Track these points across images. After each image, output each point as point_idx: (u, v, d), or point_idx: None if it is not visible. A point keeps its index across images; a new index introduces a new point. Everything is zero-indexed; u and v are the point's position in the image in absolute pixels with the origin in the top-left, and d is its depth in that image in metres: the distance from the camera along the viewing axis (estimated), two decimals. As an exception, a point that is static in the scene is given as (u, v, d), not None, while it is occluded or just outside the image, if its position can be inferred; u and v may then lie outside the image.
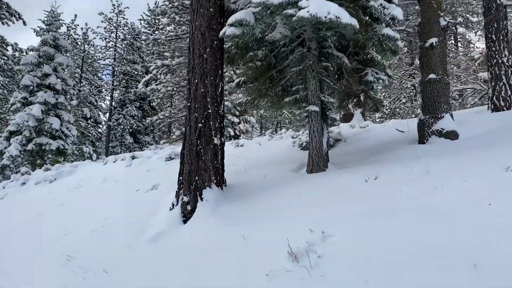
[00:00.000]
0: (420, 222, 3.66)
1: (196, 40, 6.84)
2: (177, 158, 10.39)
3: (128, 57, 33.53)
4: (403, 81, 18.91)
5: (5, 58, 23.86)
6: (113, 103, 34.31)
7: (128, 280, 4.84)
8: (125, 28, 34.12)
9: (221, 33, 6.29)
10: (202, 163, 6.43)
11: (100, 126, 34.21)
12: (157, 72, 28.93)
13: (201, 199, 6.23)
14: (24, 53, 22.56)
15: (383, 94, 19.01)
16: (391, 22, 6.28)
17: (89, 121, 29.54)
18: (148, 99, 35.17)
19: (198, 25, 6.87)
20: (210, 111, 6.63)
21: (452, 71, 17.45)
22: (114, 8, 33.14)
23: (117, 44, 33.86)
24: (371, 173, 5.70)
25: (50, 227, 7.90)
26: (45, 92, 16.67)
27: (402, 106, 19.08)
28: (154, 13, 36.24)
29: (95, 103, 31.13)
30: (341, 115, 15.53)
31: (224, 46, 7.29)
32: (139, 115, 33.99)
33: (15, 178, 12.91)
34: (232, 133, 27.13)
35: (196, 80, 6.73)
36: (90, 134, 28.12)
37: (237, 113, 28.16)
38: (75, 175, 11.75)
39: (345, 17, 5.37)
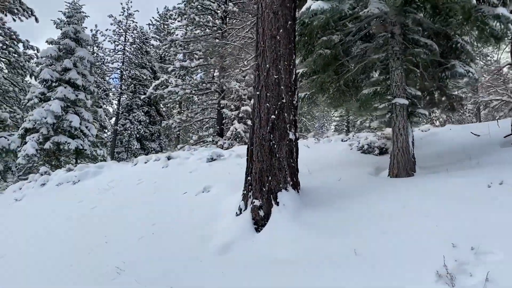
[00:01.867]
0: None
1: (267, 20, 6.05)
2: (219, 159, 9.63)
3: (136, 61, 33.22)
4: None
5: (16, 55, 23.36)
6: (120, 108, 33.90)
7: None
8: (134, 31, 33.98)
9: (303, 8, 5.54)
10: (276, 161, 5.61)
11: (106, 130, 33.67)
12: (175, 74, 28.44)
13: (277, 203, 5.40)
14: (36, 51, 22.05)
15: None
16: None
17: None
18: (155, 105, 34.92)
19: (269, 3, 6.09)
20: (284, 100, 5.83)
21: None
22: (124, 11, 32.89)
23: (126, 48, 33.56)
24: (490, 178, 4.85)
25: (83, 234, 7.10)
26: (65, 87, 16.01)
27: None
28: (163, 18, 36.08)
29: (103, 107, 30.68)
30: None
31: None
32: (146, 121, 33.58)
33: (34, 179, 12.19)
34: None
35: (267, 65, 5.94)
36: (102, 138, 27.54)
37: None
38: (102, 176, 10.99)
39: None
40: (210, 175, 8.28)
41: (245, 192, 5.77)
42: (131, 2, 33.29)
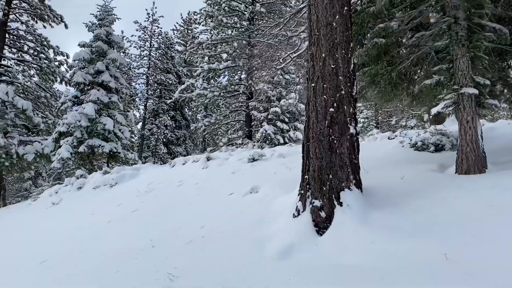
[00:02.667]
0: None
1: (321, 6, 5.68)
2: (261, 159, 9.29)
3: (161, 66, 33.53)
4: None
5: (47, 61, 23.73)
6: (146, 113, 34.29)
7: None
8: (159, 37, 34.34)
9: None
10: (337, 158, 5.20)
11: (133, 135, 34.07)
12: (203, 76, 28.40)
13: (340, 203, 4.99)
14: (66, 57, 22.34)
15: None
16: None
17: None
18: (180, 109, 35.16)
19: (323, -13, 5.71)
20: (343, 92, 5.42)
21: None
22: (149, 16, 33.22)
23: (151, 53, 33.88)
24: None
25: (127, 237, 6.87)
26: (98, 90, 16.03)
27: None
28: (187, 23, 36.38)
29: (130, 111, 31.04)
30: (430, 116, 14.02)
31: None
32: (172, 125, 33.84)
33: (70, 182, 12.18)
34: (281, 141, 26.02)
35: (323, 55, 5.56)
36: (133, 142, 27.73)
37: (286, 119, 27.11)
38: (139, 178, 10.84)
39: None
40: (254, 176, 7.95)
41: (302, 191, 5.40)
42: (156, 8, 33.84)
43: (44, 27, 22.99)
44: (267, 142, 26.22)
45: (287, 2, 28.45)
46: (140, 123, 33.54)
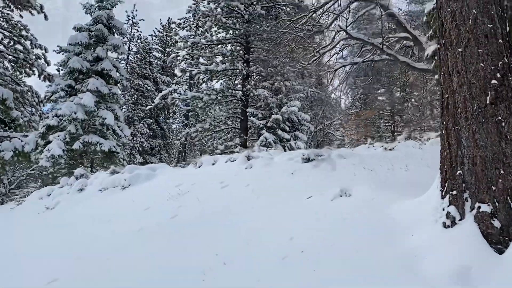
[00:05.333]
0: None
1: None
2: (317, 159, 7.94)
3: (139, 71, 32.69)
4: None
5: (24, 53, 21.84)
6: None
7: None
8: (139, 41, 33.63)
9: None
10: (509, 146, 3.90)
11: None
12: (199, 77, 27.25)
13: (520, 209, 3.68)
14: (44, 50, 20.56)
15: None
16: None
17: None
18: (156, 117, 34.11)
19: None
20: (506, 60, 4.17)
21: None
22: (129, 19, 32.21)
23: (129, 57, 32.81)
24: None
25: (172, 250, 5.38)
26: (97, 79, 14.38)
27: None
28: (166, 29, 36.12)
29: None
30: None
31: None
32: (149, 134, 32.90)
33: (67, 183, 10.53)
34: (282, 150, 24.91)
35: (473, 11, 4.33)
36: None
37: (287, 128, 26.03)
38: (157, 180, 9.34)
39: None
40: (325, 177, 6.63)
41: (454, 192, 4.07)
42: (136, 11, 32.96)
43: (21, 16, 21.33)
44: (267, 150, 25.02)
45: (284, 8, 27.65)
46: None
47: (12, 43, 20.84)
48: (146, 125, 33.16)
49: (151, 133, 33.32)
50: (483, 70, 4.16)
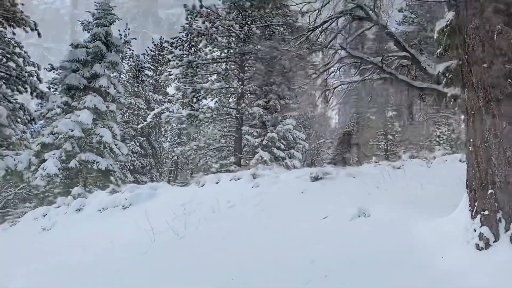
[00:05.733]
0: None
1: None
2: (326, 178, 7.82)
3: (131, 89, 32.85)
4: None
5: (17, 70, 21.61)
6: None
7: None
8: (131, 59, 33.76)
9: None
10: (545, 164, 3.80)
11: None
12: (194, 96, 27.20)
13: (560, 231, 3.55)
14: (37, 68, 20.39)
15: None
16: None
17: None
18: (147, 136, 34.05)
19: None
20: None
21: None
22: (121, 37, 32.31)
23: (122, 75, 32.92)
24: None
25: (184, 272, 5.13)
26: (94, 96, 14.19)
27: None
28: (158, 48, 36.46)
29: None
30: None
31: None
32: (140, 152, 32.86)
33: (64, 203, 10.23)
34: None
35: (498, 26, 4.26)
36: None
37: (282, 146, 25.96)
38: (160, 199, 9.11)
39: None
40: (338, 196, 6.49)
41: (486, 212, 3.94)
42: (129, 29, 32.99)
43: (14, 34, 21.20)
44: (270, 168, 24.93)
45: (278, 28, 27.90)
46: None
47: (5, 60, 20.65)
48: (138, 144, 33.00)
49: (142, 152, 33.15)
50: (511, 86, 4.08)
